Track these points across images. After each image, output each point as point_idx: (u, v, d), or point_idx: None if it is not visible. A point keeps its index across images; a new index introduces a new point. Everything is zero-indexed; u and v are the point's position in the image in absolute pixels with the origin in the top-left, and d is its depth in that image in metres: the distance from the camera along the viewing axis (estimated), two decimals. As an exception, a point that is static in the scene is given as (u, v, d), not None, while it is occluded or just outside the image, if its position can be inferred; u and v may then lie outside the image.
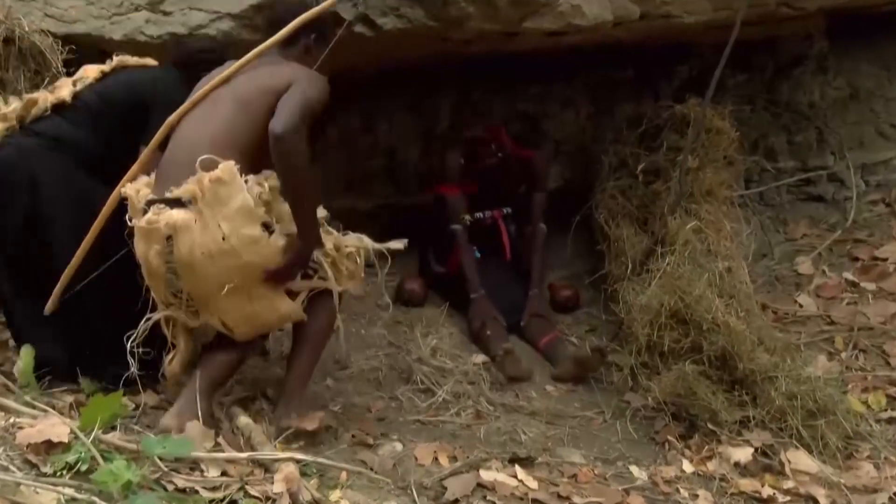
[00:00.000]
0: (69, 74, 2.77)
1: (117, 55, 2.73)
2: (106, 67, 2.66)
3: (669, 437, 2.77)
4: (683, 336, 2.88)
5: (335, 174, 4.07)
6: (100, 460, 1.85)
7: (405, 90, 4.01)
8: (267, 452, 2.14)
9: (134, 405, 2.37)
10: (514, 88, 4.09)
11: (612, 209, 3.54)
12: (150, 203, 2.29)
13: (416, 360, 3.15)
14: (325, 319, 2.46)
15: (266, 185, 2.29)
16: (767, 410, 2.73)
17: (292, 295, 2.37)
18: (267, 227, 2.26)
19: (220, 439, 2.21)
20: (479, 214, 3.75)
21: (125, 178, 2.39)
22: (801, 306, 3.61)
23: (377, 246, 2.56)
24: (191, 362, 2.40)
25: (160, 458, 1.94)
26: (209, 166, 2.22)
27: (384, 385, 3.00)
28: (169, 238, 2.23)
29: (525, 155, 3.69)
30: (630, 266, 3.27)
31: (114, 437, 2.01)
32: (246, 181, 2.24)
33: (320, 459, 2.17)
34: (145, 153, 2.41)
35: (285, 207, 2.30)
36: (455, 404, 2.91)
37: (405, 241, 2.62)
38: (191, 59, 2.71)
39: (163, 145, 2.41)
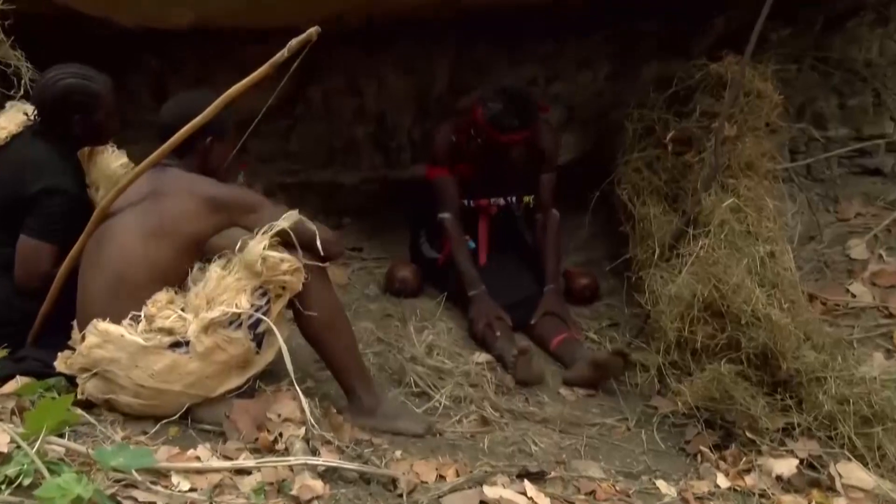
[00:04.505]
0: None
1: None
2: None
3: (702, 448, 2.79)
4: (719, 331, 2.89)
5: (316, 143, 4.08)
6: (45, 473, 1.86)
7: (397, 47, 4.00)
8: (243, 460, 2.18)
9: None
10: (522, 46, 4.09)
11: (637, 184, 3.55)
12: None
13: (410, 360, 3.16)
14: (322, 302, 2.58)
15: (162, 300, 2.45)
16: (815, 416, 2.74)
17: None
18: (178, 345, 2.41)
19: (199, 449, 2.24)
20: (466, 202, 3.75)
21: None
22: (853, 296, 3.62)
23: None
24: None
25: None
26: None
27: (373, 388, 3.01)
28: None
29: (509, 141, 3.53)
30: (657, 250, 3.27)
31: (62, 446, 2.02)
32: (135, 318, 2.42)
33: (321, 461, 2.22)
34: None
35: (195, 301, 2.46)
36: (455, 410, 2.93)
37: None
38: (59, 104, 2.77)
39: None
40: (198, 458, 2.19)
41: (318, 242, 2.51)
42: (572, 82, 4.18)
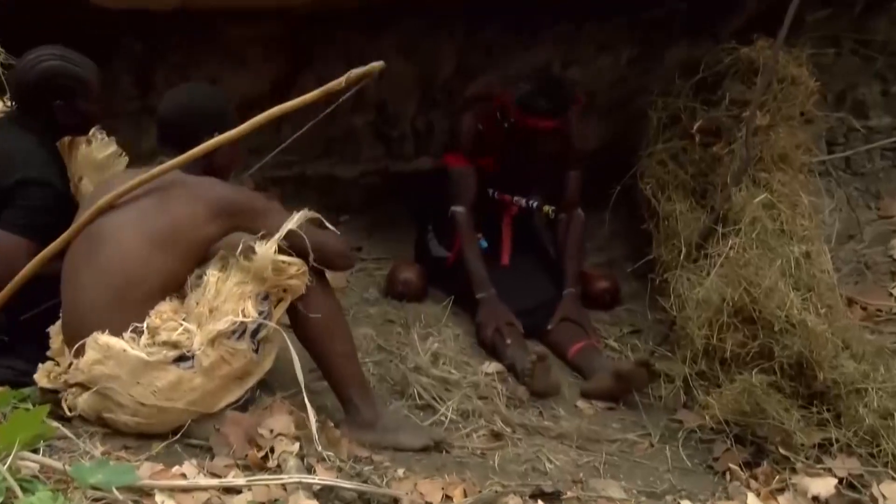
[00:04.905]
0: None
1: None
2: None
3: (731, 465, 2.78)
4: (750, 339, 2.89)
5: (311, 133, 4.06)
6: (17, 491, 1.87)
7: (399, 29, 4.00)
8: (233, 478, 2.18)
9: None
10: (536, 27, 4.08)
11: (662, 178, 3.55)
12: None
13: (413, 370, 3.16)
14: (323, 307, 2.62)
15: (165, 312, 2.45)
16: (855, 432, 2.75)
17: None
18: (182, 359, 2.41)
19: (185, 466, 2.24)
20: (490, 190, 3.75)
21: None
22: (897, 301, 3.62)
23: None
24: None
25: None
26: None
27: (373, 400, 3.02)
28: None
29: (537, 126, 3.50)
30: (683, 250, 3.27)
31: (36, 462, 2.02)
32: (138, 330, 2.41)
33: (317, 479, 2.22)
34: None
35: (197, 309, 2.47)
36: (463, 425, 2.93)
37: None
38: (39, 88, 2.76)
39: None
40: (184, 476, 2.20)
41: (330, 254, 2.59)
42: (591, 67, 4.16)
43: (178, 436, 2.45)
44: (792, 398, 2.83)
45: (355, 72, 2.46)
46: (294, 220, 2.50)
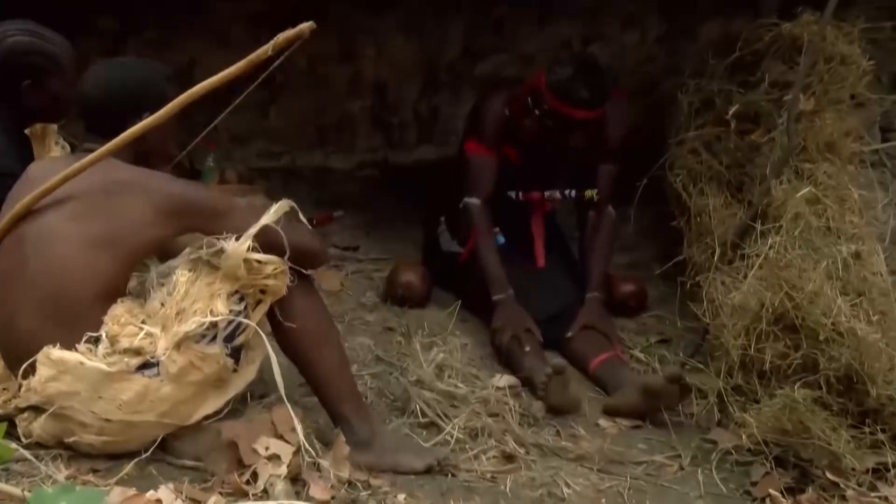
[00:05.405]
0: None
1: None
2: None
3: (772, 491, 2.77)
4: (792, 349, 2.88)
5: (302, 119, 4.08)
6: (-28, 520, 1.87)
7: (401, 3, 4.00)
8: None
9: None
10: (553, 2, 4.08)
11: (694, 170, 3.55)
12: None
13: (415, 383, 3.16)
14: (308, 311, 2.60)
15: (121, 316, 2.42)
16: (914, 455, 2.74)
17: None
18: (146, 366, 2.38)
19: (160, 490, 2.24)
20: (514, 195, 3.75)
21: None
22: (960, 307, 3.59)
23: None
24: None
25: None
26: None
27: (370, 417, 3.01)
28: None
29: (573, 116, 3.47)
30: (718, 250, 3.27)
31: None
32: (94, 339, 2.38)
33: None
34: None
35: (156, 309, 2.45)
36: (471, 445, 2.91)
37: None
38: (6, 67, 2.75)
39: None
40: (159, 502, 2.19)
41: (305, 253, 2.54)
42: (615, 45, 4.18)
43: (150, 452, 2.42)
44: (840, 416, 2.82)
45: (283, 35, 2.42)
46: (271, 214, 2.46)
